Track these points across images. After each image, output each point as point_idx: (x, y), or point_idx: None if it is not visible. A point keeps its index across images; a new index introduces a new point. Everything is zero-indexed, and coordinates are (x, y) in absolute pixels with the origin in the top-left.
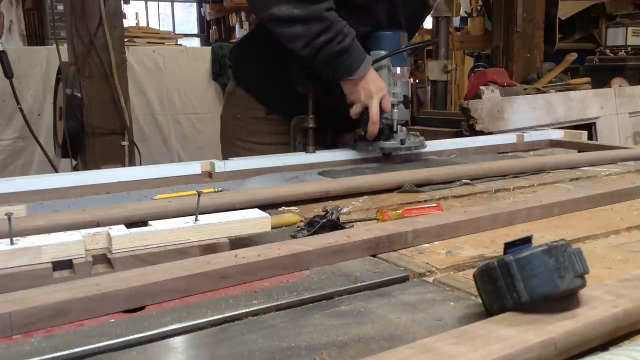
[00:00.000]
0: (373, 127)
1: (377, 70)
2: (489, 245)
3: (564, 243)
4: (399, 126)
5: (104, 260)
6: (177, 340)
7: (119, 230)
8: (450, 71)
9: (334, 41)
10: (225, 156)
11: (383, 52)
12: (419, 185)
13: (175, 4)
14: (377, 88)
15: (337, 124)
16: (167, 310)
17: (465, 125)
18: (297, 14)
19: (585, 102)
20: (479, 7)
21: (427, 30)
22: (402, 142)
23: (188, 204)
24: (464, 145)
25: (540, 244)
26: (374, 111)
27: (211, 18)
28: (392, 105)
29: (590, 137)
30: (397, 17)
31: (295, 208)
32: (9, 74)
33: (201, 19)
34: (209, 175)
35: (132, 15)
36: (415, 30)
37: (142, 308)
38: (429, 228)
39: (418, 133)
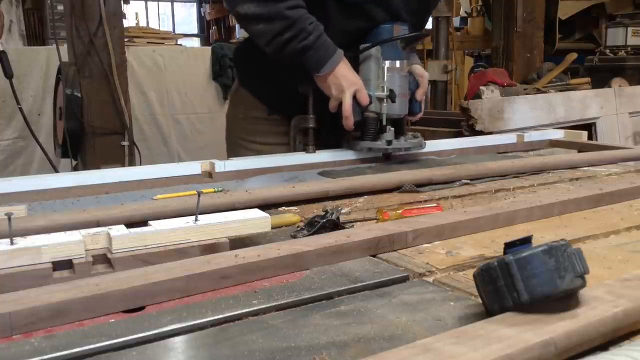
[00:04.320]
0: (346, 122)
1: (363, 61)
2: (489, 245)
3: (564, 243)
4: (388, 127)
5: (104, 260)
6: (177, 340)
7: (119, 230)
8: (450, 71)
9: (297, 39)
10: (230, 156)
11: (371, 44)
12: (419, 185)
13: (175, 4)
14: (348, 82)
15: (337, 124)
16: (167, 310)
17: (465, 125)
18: (258, 13)
19: (585, 102)
20: (479, 7)
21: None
22: (389, 143)
23: (188, 204)
24: (464, 145)
25: (540, 244)
26: (345, 106)
27: (211, 18)
28: (380, 99)
29: (590, 137)
30: (399, 14)
31: (295, 208)
32: (9, 74)
33: (201, 19)
34: (209, 175)
35: (132, 15)
36: (422, 25)
37: (142, 308)
38: (429, 228)
39: (419, 134)
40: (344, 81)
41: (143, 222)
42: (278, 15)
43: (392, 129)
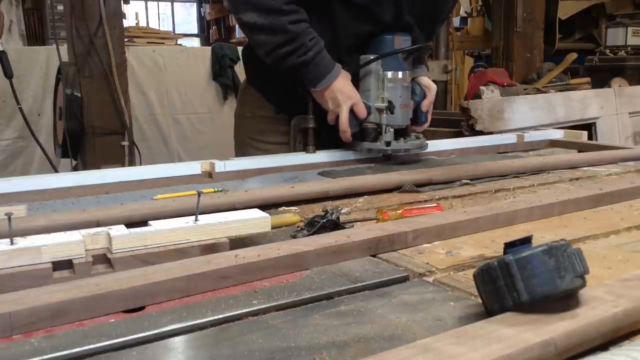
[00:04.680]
0: (343, 135)
1: (364, 74)
2: (489, 245)
3: (564, 243)
4: (387, 128)
5: (104, 260)
6: (177, 340)
7: (119, 230)
8: (450, 71)
9: (295, 54)
10: (238, 154)
11: (372, 57)
12: (419, 185)
13: (175, 4)
14: (345, 97)
15: (336, 126)
16: (167, 310)
17: (465, 125)
18: (261, 23)
19: (585, 102)
20: (479, 7)
21: None
22: (388, 144)
23: (188, 204)
24: (464, 145)
25: (540, 244)
26: (342, 119)
27: (211, 18)
28: (380, 110)
29: (590, 137)
30: (403, 18)
31: (295, 208)
32: (9, 74)
33: (201, 19)
34: (209, 175)
35: (132, 15)
36: (431, 31)
37: (142, 308)
38: (429, 228)
39: (421, 135)
40: (340, 95)
41: (143, 222)
42: (280, 28)
43: (392, 130)
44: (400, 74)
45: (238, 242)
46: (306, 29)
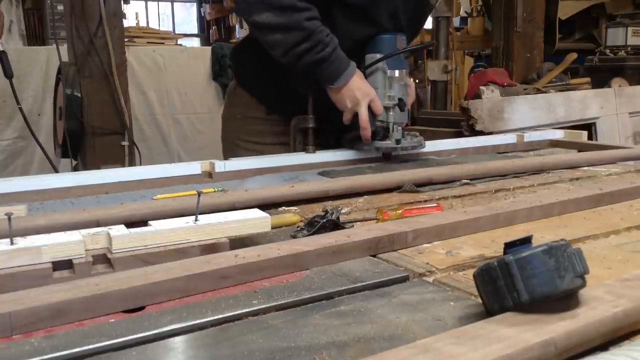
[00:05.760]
0: (364, 133)
1: (371, 73)
2: (489, 245)
3: (564, 243)
4: (395, 126)
5: (104, 260)
6: (177, 340)
7: (119, 230)
8: (450, 71)
9: (313, 50)
10: (226, 156)
11: (378, 56)
12: (419, 185)
13: (175, 4)
14: (362, 94)
15: (337, 124)
16: (167, 310)
17: (465, 125)
18: (276, 22)
19: (585, 102)
20: (479, 7)
21: (427, 31)
22: (398, 142)
23: (188, 204)
24: (464, 145)
25: (540, 244)
26: (362, 117)
27: (211, 18)
28: (387, 108)
29: (590, 137)
30: (399, 19)
31: (295, 208)
32: (9, 74)
33: (201, 19)
34: (209, 175)
35: (132, 15)
36: (417, 31)
37: (142, 308)
38: (429, 228)
39: (417, 133)
40: (358, 93)
41: (143, 222)
42: (297, 25)
43: (400, 128)
44: (404, 72)
45: (238, 242)
46: (320, 26)
